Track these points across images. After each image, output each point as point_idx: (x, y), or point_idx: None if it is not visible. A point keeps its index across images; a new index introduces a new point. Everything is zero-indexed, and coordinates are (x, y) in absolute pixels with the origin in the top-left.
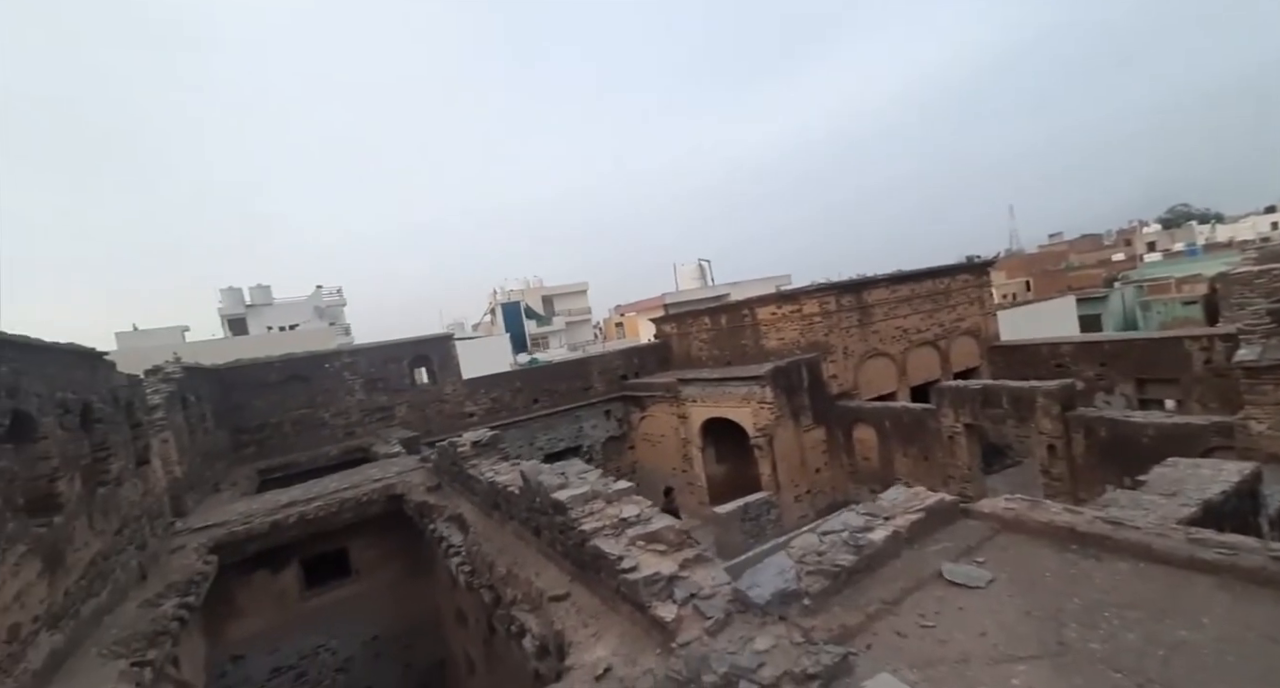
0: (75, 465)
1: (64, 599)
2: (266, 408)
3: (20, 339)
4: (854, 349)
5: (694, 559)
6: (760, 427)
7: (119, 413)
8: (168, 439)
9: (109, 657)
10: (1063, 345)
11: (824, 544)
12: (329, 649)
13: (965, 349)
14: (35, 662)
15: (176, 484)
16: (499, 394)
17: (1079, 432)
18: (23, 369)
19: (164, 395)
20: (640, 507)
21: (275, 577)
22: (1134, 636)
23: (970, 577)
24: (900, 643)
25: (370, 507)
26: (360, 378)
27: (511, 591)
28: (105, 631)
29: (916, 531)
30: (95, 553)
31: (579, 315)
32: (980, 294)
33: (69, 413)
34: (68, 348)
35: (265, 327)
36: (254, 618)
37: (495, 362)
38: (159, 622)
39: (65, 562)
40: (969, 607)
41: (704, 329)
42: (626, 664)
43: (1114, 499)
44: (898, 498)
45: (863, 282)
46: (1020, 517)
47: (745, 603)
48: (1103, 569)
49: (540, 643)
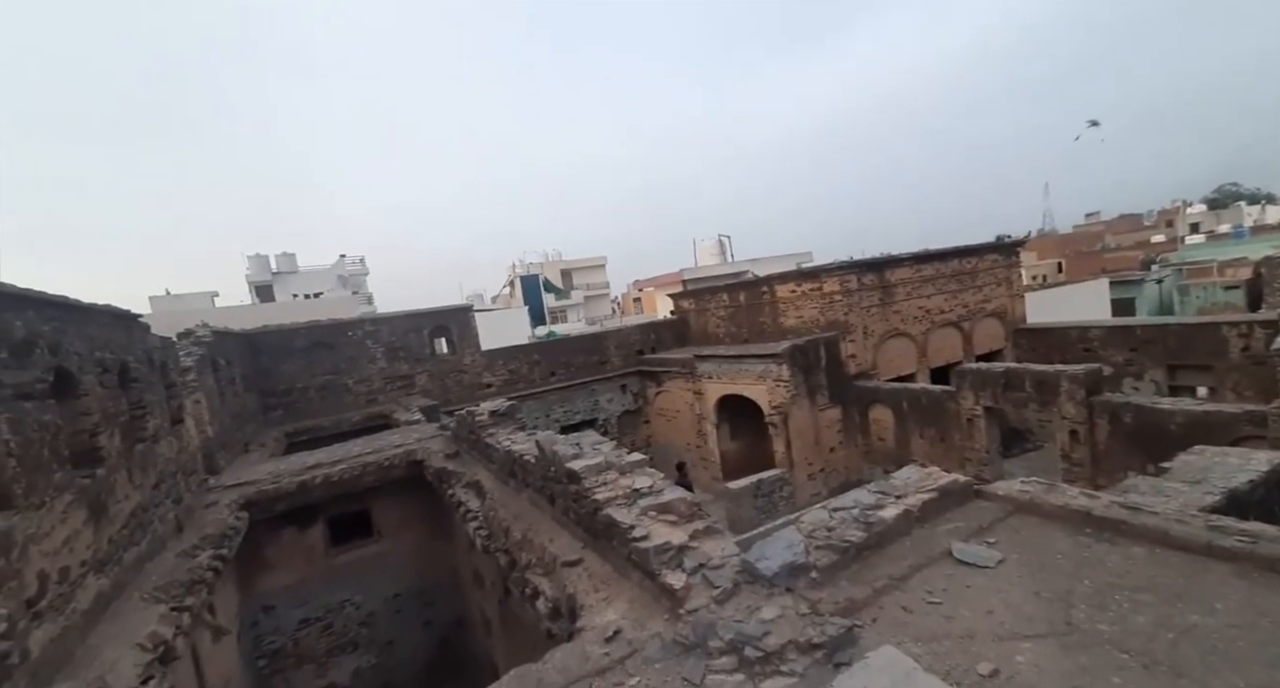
0: (115, 422)
1: (108, 546)
2: (293, 373)
3: (60, 300)
4: (874, 329)
5: (704, 531)
6: (776, 405)
7: (154, 373)
8: (200, 400)
9: (150, 601)
10: (1092, 329)
11: (834, 520)
12: (353, 604)
13: (990, 331)
14: (84, 602)
15: (209, 443)
16: (517, 366)
17: (1103, 418)
18: (64, 328)
19: (195, 358)
20: (652, 478)
21: (303, 534)
22: (1144, 619)
23: (980, 557)
24: (906, 618)
25: (392, 471)
26: (382, 346)
27: (526, 555)
28: (146, 577)
29: (928, 510)
30: (135, 505)
31: (597, 290)
32: (1008, 275)
33: (107, 372)
34: (105, 309)
35: (291, 294)
36: (283, 572)
37: (513, 334)
38: (195, 571)
39: (108, 512)
40: (977, 586)
41: (722, 306)
42: (635, 628)
43: (1134, 486)
44: (911, 477)
45: (886, 260)
46: (1035, 499)
47: (753, 574)
48: (1116, 553)
49: (553, 605)
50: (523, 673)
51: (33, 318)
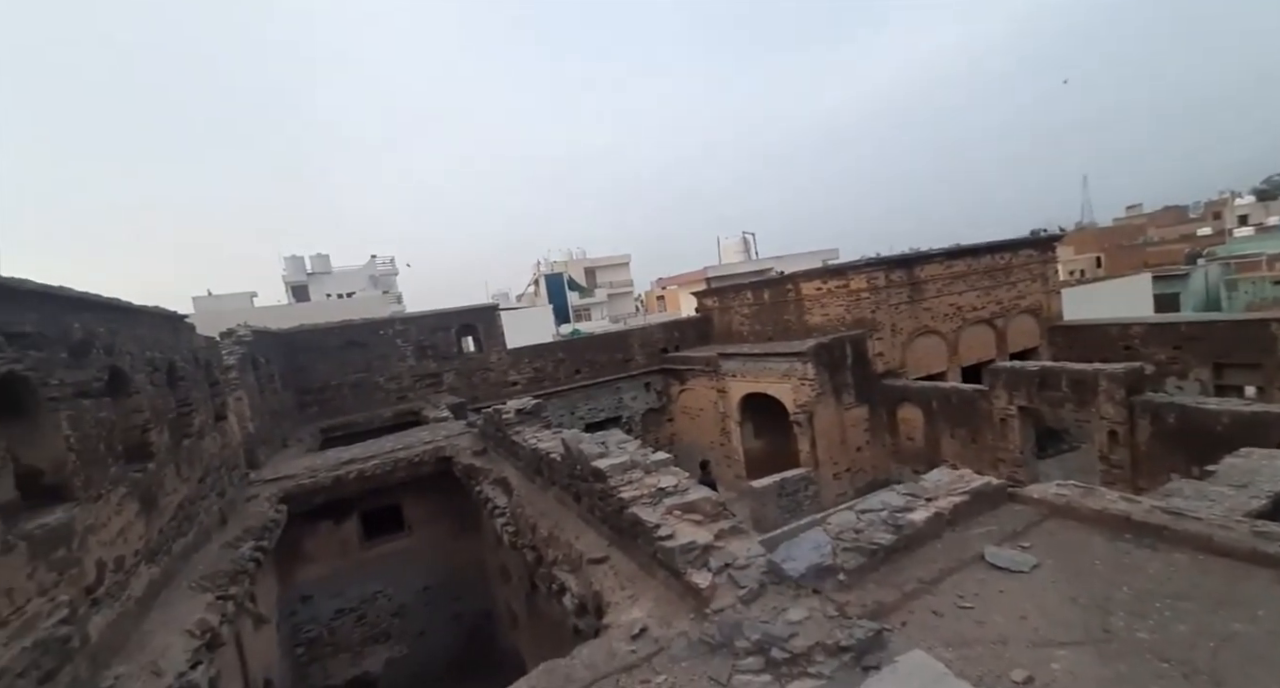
0: (163, 419)
1: (158, 537)
2: (327, 371)
3: (114, 302)
4: (903, 327)
5: (729, 531)
6: (800, 403)
7: (199, 372)
8: (241, 397)
9: (197, 590)
10: (1133, 326)
11: (861, 522)
12: (386, 596)
13: (1024, 329)
14: (137, 590)
15: (250, 439)
16: (542, 364)
17: (1144, 418)
18: (117, 329)
19: (237, 357)
20: (678, 477)
21: (338, 527)
22: (1185, 627)
23: (1014, 561)
24: (936, 622)
25: (421, 467)
26: (411, 345)
27: (552, 551)
28: (193, 567)
29: (960, 513)
30: (182, 498)
31: (621, 288)
32: (1044, 270)
33: (157, 370)
34: (154, 311)
35: (325, 294)
36: (320, 564)
37: (538, 332)
38: (238, 562)
39: (158, 504)
40: (1010, 591)
41: (746, 304)
42: (661, 626)
43: (1177, 489)
44: (941, 480)
45: (915, 256)
46: (1072, 503)
47: (779, 575)
48: (1158, 560)
49: (579, 602)
50: (551, 668)
51: (89, 320)
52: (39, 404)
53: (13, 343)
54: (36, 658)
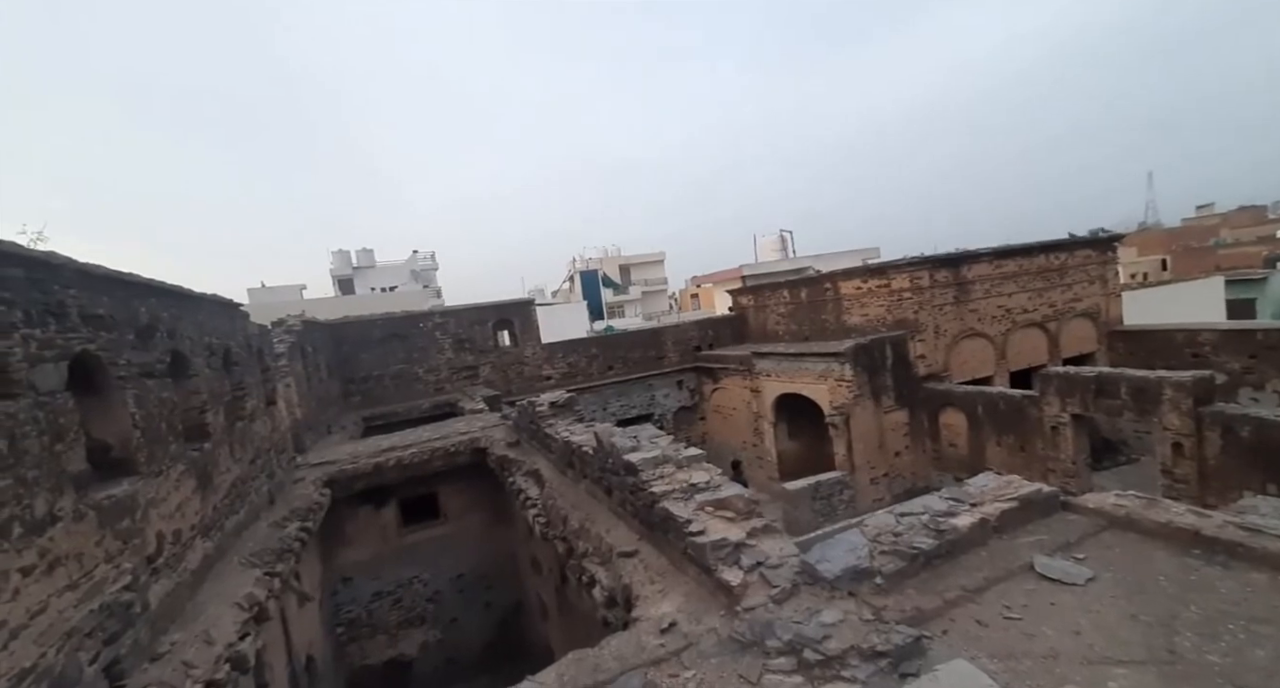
0: (219, 401)
1: (213, 513)
2: (370, 361)
3: (176, 289)
4: (947, 328)
5: (762, 529)
6: (837, 405)
7: (252, 358)
8: (290, 384)
9: (246, 565)
10: (1203, 333)
11: (901, 526)
12: (421, 581)
13: (1079, 333)
14: (193, 563)
15: (297, 424)
16: (575, 359)
17: (1214, 430)
18: (179, 315)
19: (287, 345)
20: (710, 474)
21: (378, 513)
22: (1263, 653)
23: (1067, 573)
24: (980, 632)
25: (457, 457)
26: (450, 338)
27: (583, 544)
28: (243, 543)
29: (1007, 520)
30: (235, 477)
31: (655, 285)
32: (1103, 272)
33: (214, 355)
34: (212, 299)
35: (369, 287)
36: (360, 547)
37: (573, 328)
38: (285, 541)
39: (213, 482)
40: (1063, 604)
41: (782, 303)
42: (691, 622)
43: (1252, 506)
44: (987, 485)
45: (962, 255)
46: (1132, 515)
47: (813, 576)
48: (1231, 579)
49: (609, 594)
50: (580, 657)
51: (154, 305)
52: (109, 382)
53: (87, 324)
54: (102, 621)
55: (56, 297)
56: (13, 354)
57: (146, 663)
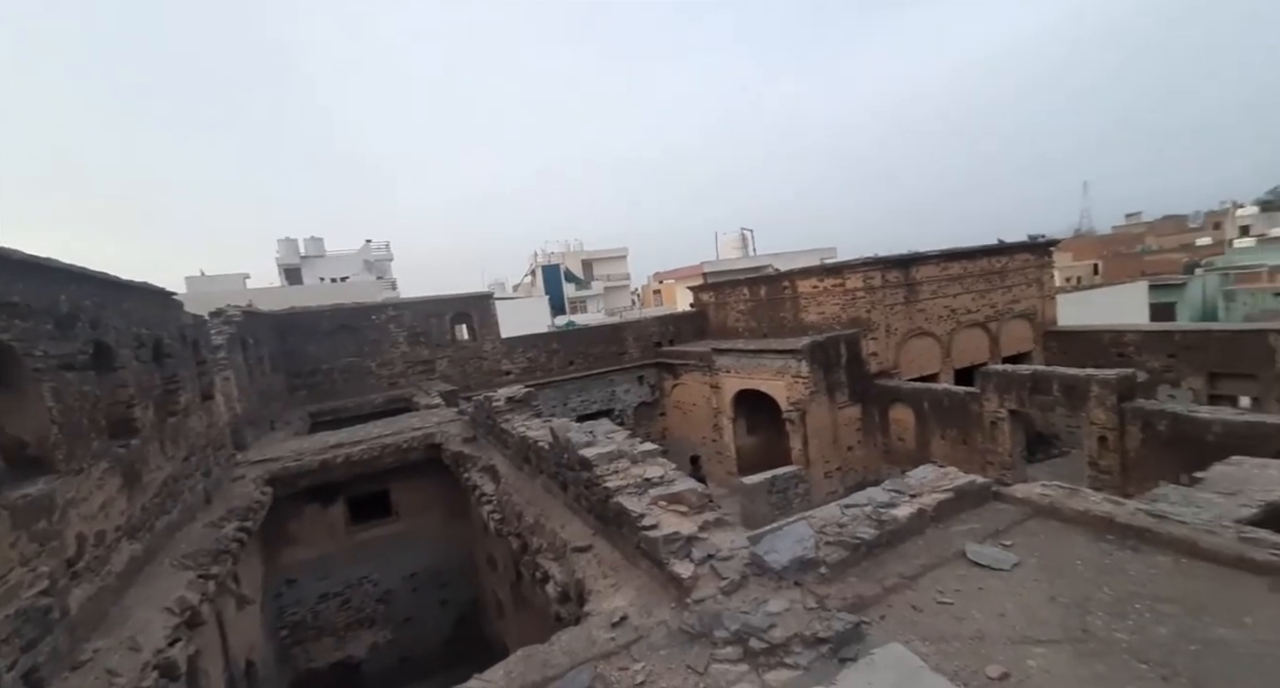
0: (149, 395)
1: (141, 514)
2: (318, 354)
3: (101, 276)
4: (897, 327)
5: (714, 522)
6: (794, 401)
7: (186, 350)
8: (229, 377)
9: (179, 568)
10: (1128, 334)
11: (845, 517)
12: (372, 581)
13: (1018, 333)
14: (118, 565)
15: (237, 420)
16: (535, 354)
17: (1135, 424)
18: (104, 304)
19: (226, 337)
20: (664, 468)
21: (325, 511)
22: (1166, 630)
23: (995, 559)
24: (915, 617)
25: (410, 453)
26: (404, 331)
27: (538, 539)
28: (176, 545)
29: (943, 510)
30: (167, 476)
31: (618, 281)
32: (1040, 275)
33: (143, 347)
34: (142, 287)
35: (318, 278)
36: (306, 547)
37: (533, 323)
38: (221, 542)
39: (142, 480)
40: (990, 588)
41: (742, 300)
42: (642, 615)
43: (1164, 495)
44: (927, 477)
45: (911, 257)
46: (1055, 504)
47: (762, 567)
48: (1140, 562)
49: (562, 589)
50: (529, 654)
51: (76, 292)
52: (23, 375)
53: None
54: (18, 627)
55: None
56: None
57: (67, 671)
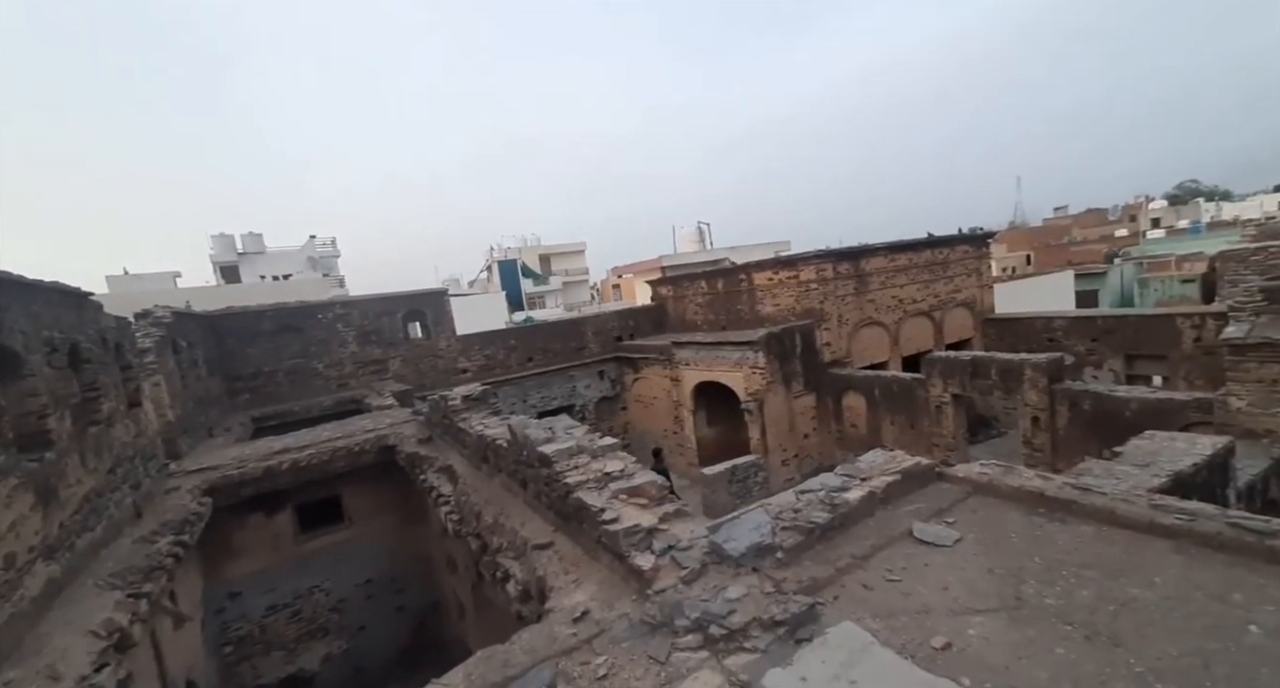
0: (65, 404)
1: (59, 532)
2: (260, 356)
3: (2, 275)
4: (849, 317)
5: (674, 514)
6: (751, 391)
7: (108, 354)
8: (159, 383)
9: (105, 587)
10: (1056, 320)
11: (800, 503)
12: (324, 590)
13: (960, 321)
14: (33, 589)
15: (170, 428)
16: (493, 351)
17: (1064, 404)
18: (6, 305)
19: (154, 339)
20: (624, 462)
21: (270, 520)
22: (1088, 593)
23: (939, 536)
24: (866, 595)
25: (363, 456)
26: (354, 330)
27: (498, 539)
28: (102, 563)
29: (892, 492)
30: (89, 490)
31: (576, 276)
32: (979, 266)
33: (56, 352)
34: (52, 286)
35: (258, 276)
36: (250, 558)
37: (491, 319)
38: (154, 557)
39: (59, 496)
40: (935, 564)
41: (700, 293)
42: (604, 609)
43: (1087, 469)
44: (876, 461)
45: (861, 249)
46: (993, 481)
47: (721, 555)
48: (1066, 532)
49: (523, 588)
50: (489, 654)
51: None
52: None
53: None
54: None
55: None
56: None
57: None
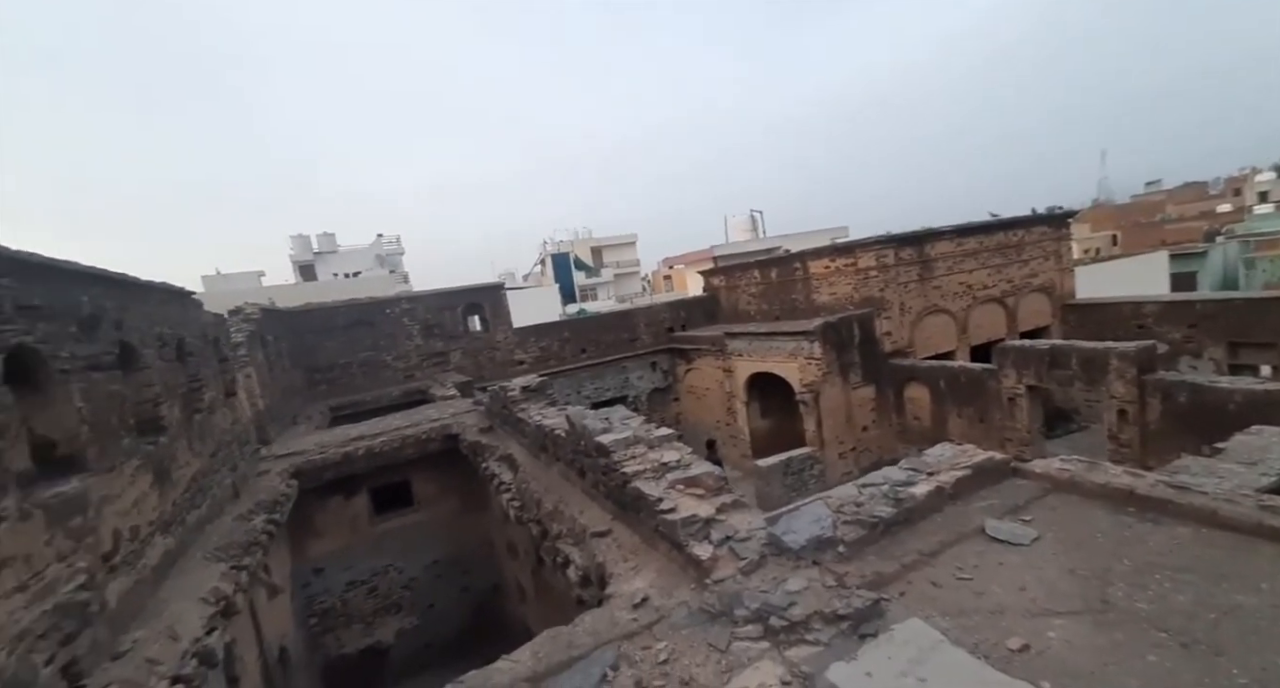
0: (174, 394)
1: (172, 509)
2: (335, 349)
3: (121, 277)
4: (911, 305)
5: (731, 505)
6: (807, 383)
7: (208, 348)
8: (250, 374)
9: (211, 560)
10: (1147, 305)
11: (863, 496)
12: (396, 569)
13: (1035, 307)
14: (153, 559)
15: (260, 415)
16: (548, 343)
17: (1155, 397)
18: (126, 305)
19: (245, 334)
20: (680, 453)
21: (348, 503)
22: (1185, 598)
23: (1014, 534)
24: (935, 593)
25: (429, 444)
26: (418, 324)
27: (557, 525)
28: (207, 538)
29: (962, 487)
30: (195, 471)
31: (627, 267)
32: (1058, 248)
33: (166, 346)
34: (162, 287)
35: (331, 273)
36: (331, 538)
37: (544, 312)
38: (251, 533)
39: (171, 477)
40: (1010, 563)
41: (753, 283)
42: (663, 596)
43: (1184, 466)
44: (944, 454)
45: (925, 234)
46: (1075, 478)
47: (779, 547)
48: (1160, 533)
49: (583, 573)
50: (554, 634)
51: (98, 294)
52: (50, 376)
53: (22, 315)
54: (57, 621)
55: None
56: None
57: (107, 662)
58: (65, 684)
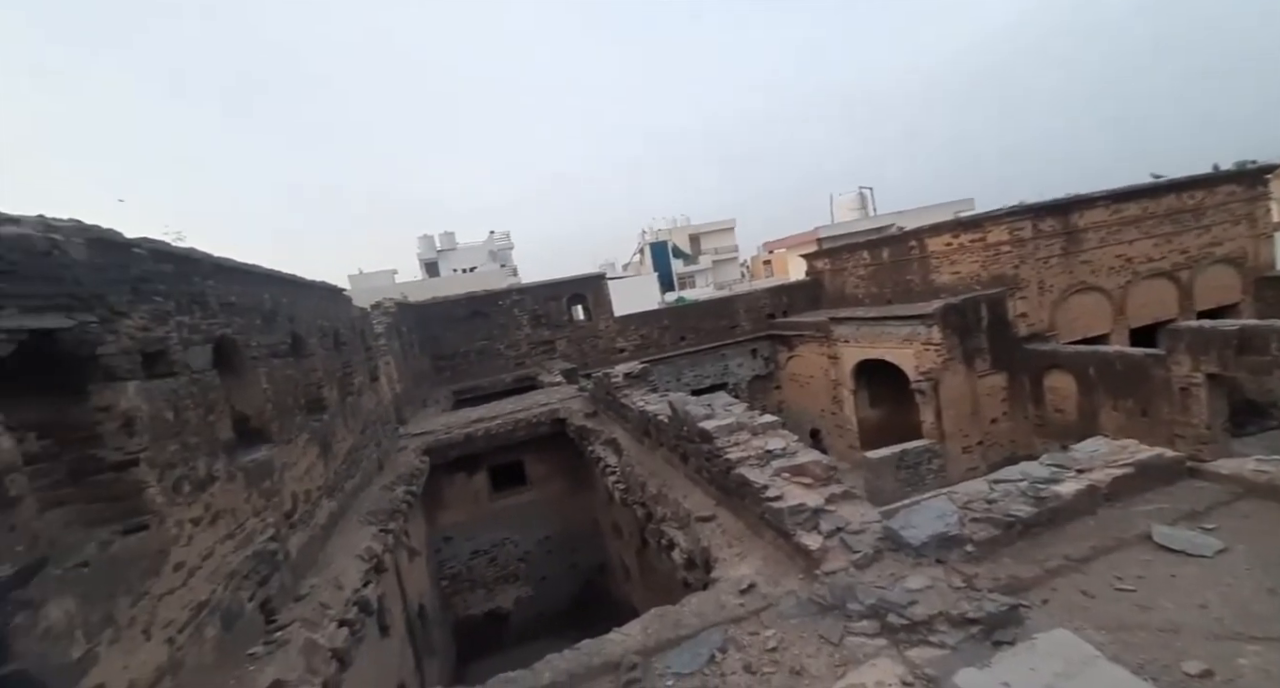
0: (332, 378)
1: (334, 477)
2: (456, 339)
3: (292, 278)
4: (1053, 283)
5: (841, 495)
6: (924, 370)
7: (356, 339)
8: (389, 361)
9: (364, 523)
10: None
11: (995, 493)
12: (513, 542)
13: (1219, 281)
14: (321, 519)
15: (398, 398)
16: (648, 331)
17: None
18: (295, 301)
19: (385, 326)
20: (786, 440)
21: (470, 479)
22: None
23: (1193, 544)
24: (1086, 603)
25: (539, 428)
26: (527, 314)
27: (661, 509)
28: (361, 504)
29: (1121, 487)
30: (350, 446)
31: (726, 254)
32: (1251, 210)
33: (325, 337)
34: (321, 285)
35: (452, 269)
36: (456, 510)
37: (644, 300)
38: (394, 502)
39: (332, 449)
40: (1185, 576)
41: (861, 264)
42: (770, 584)
43: None
44: (1098, 450)
45: (1072, 201)
46: (1275, 482)
47: (897, 543)
48: None
49: (688, 556)
50: (662, 613)
51: (275, 292)
52: (244, 362)
53: (224, 311)
54: (255, 565)
55: (198, 287)
56: (170, 339)
57: (291, 603)
58: (263, 618)
